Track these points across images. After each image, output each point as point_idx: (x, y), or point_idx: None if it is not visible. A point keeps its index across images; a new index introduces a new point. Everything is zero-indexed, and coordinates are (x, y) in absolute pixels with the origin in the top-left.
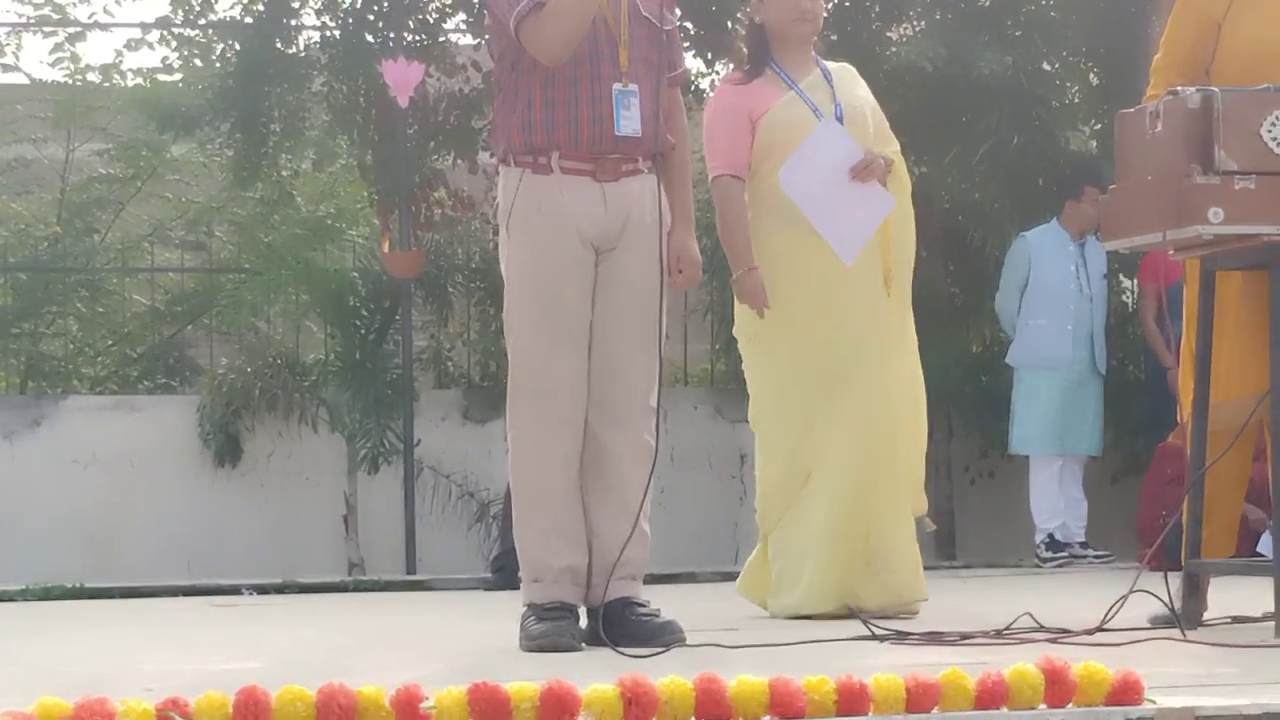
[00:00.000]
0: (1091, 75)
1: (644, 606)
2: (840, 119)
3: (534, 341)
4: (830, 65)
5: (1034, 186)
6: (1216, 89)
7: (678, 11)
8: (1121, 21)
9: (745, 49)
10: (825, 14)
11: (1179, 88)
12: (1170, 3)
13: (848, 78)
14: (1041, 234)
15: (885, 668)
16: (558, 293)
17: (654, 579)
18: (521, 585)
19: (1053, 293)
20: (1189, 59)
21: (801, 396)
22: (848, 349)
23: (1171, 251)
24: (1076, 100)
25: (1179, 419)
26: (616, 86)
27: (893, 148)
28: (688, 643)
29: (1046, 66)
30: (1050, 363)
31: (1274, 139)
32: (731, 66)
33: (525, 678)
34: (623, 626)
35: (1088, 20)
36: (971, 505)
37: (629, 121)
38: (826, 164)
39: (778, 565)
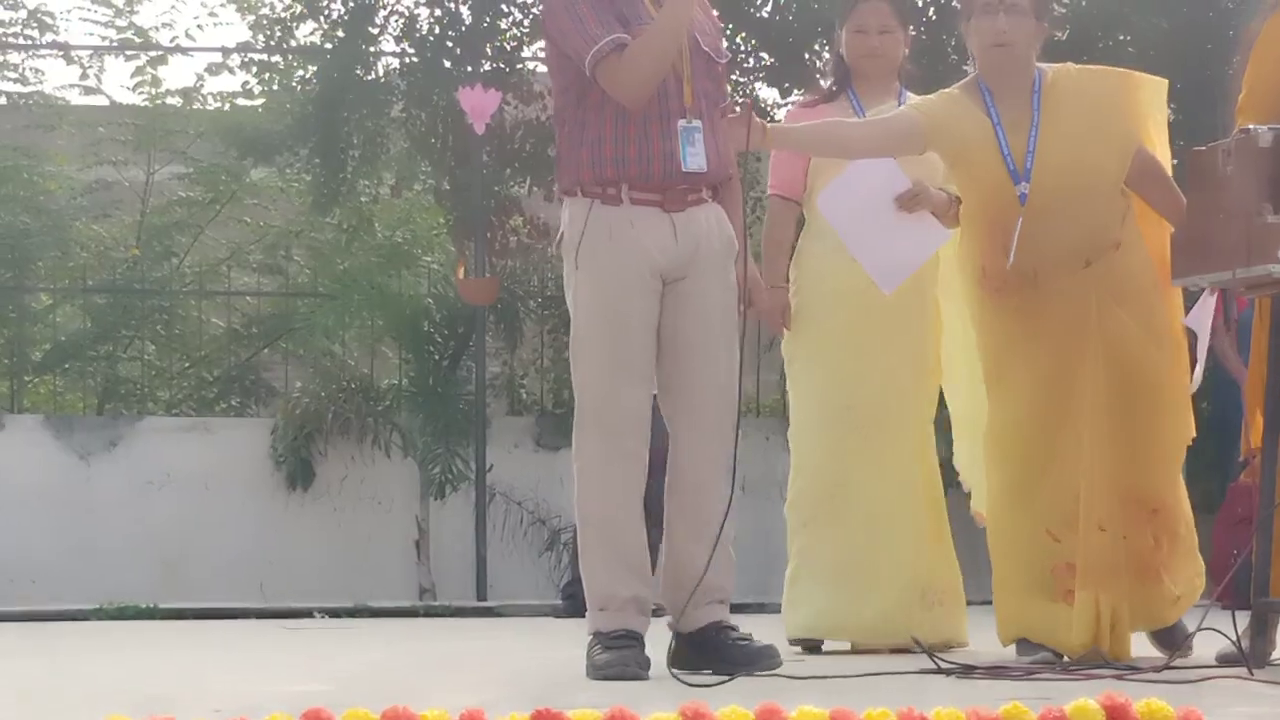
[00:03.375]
0: (1170, 110)
1: (736, 631)
2: None
3: (600, 374)
4: (912, 97)
5: None
6: None
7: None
8: (1201, 56)
9: (829, 78)
10: (906, 49)
11: (1251, 126)
12: (1251, 39)
13: None
14: None
15: (947, 702)
16: (625, 325)
17: None
18: (587, 614)
19: None
20: (1271, 97)
21: (833, 419)
22: (882, 381)
23: (1243, 290)
24: None
25: (1243, 453)
26: (681, 123)
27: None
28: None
29: None
30: None
31: None
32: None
33: (589, 705)
34: (719, 651)
35: (1166, 56)
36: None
37: (695, 158)
38: (871, 191)
39: (790, 570)
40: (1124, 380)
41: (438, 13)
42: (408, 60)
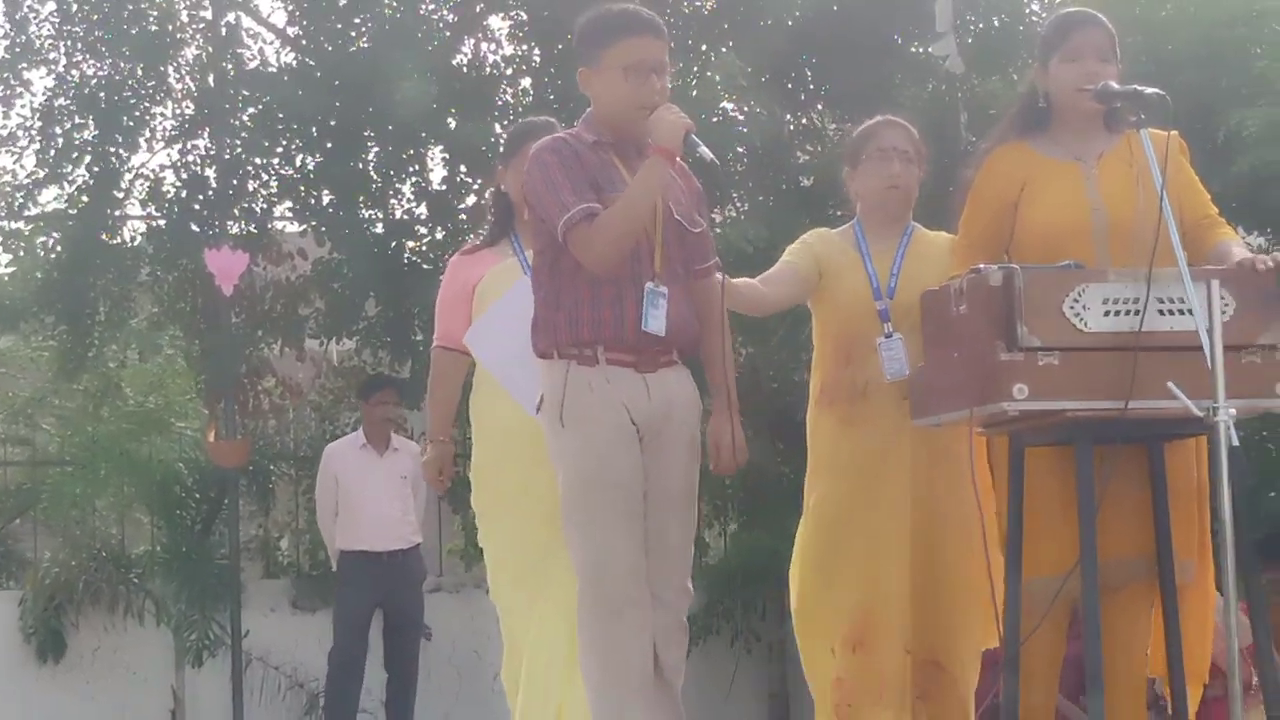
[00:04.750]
0: None
1: None
2: None
3: (598, 533)
4: None
5: None
6: (1017, 266)
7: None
8: (938, 202)
9: (491, 219)
10: None
11: (981, 266)
12: (967, 185)
13: None
14: None
15: None
16: (620, 474)
17: None
18: None
19: None
20: (989, 239)
21: (523, 572)
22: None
23: (980, 428)
24: None
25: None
26: (648, 285)
27: None
28: None
29: None
30: None
31: (1076, 315)
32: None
33: None
34: None
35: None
36: (806, 687)
37: (655, 320)
38: (512, 319)
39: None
40: (927, 517)
41: (184, 176)
42: (154, 224)
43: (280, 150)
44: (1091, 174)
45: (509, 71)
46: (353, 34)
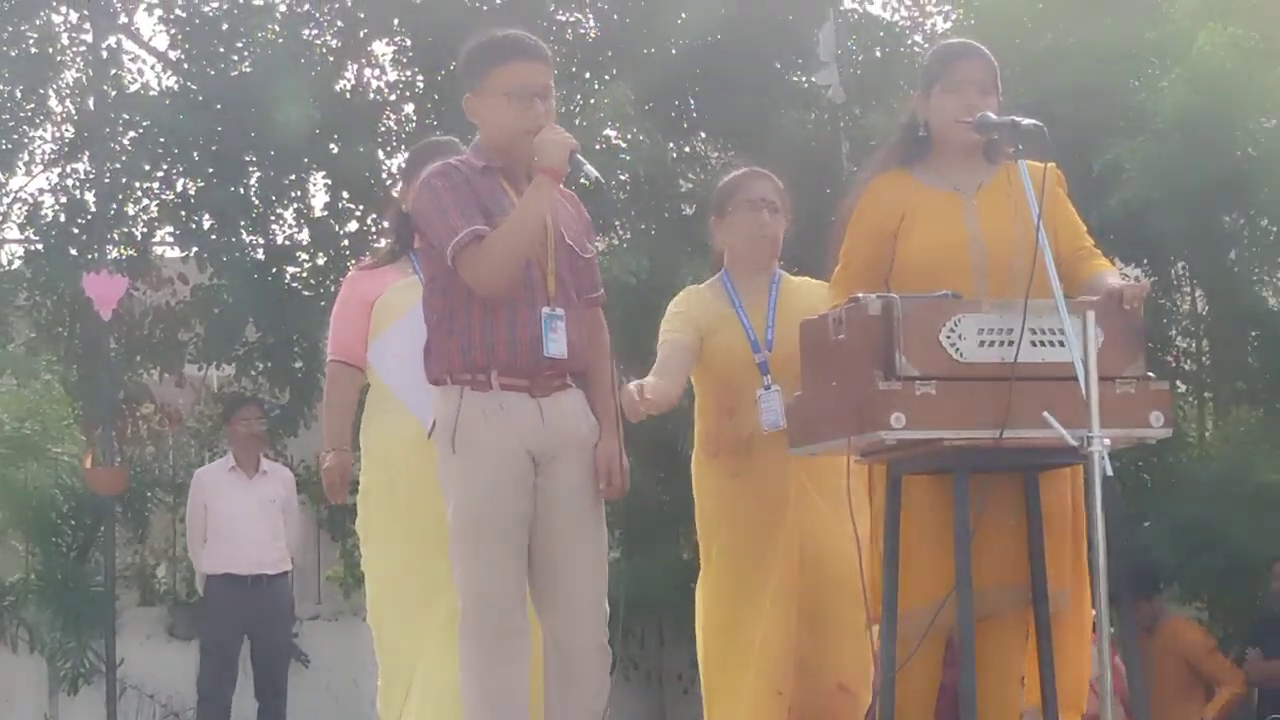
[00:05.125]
0: None
1: None
2: None
3: (482, 560)
4: None
5: None
6: (896, 296)
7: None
8: (820, 232)
9: (391, 237)
10: None
11: (860, 295)
12: (846, 215)
13: None
14: None
15: None
16: (508, 502)
17: None
18: None
19: None
20: (868, 269)
21: (410, 596)
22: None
23: (858, 456)
24: None
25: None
26: (545, 310)
27: None
28: None
29: None
30: None
31: (953, 345)
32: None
33: None
34: None
35: (788, 229)
36: (684, 714)
37: (555, 344)
38: (416, 339)
39: None
40: (815, 560)
41: (63, 200)
42: (32, 248)
43: (161, 174)
44: (970, 204)
45: (392, 97)
46: (235, 58)
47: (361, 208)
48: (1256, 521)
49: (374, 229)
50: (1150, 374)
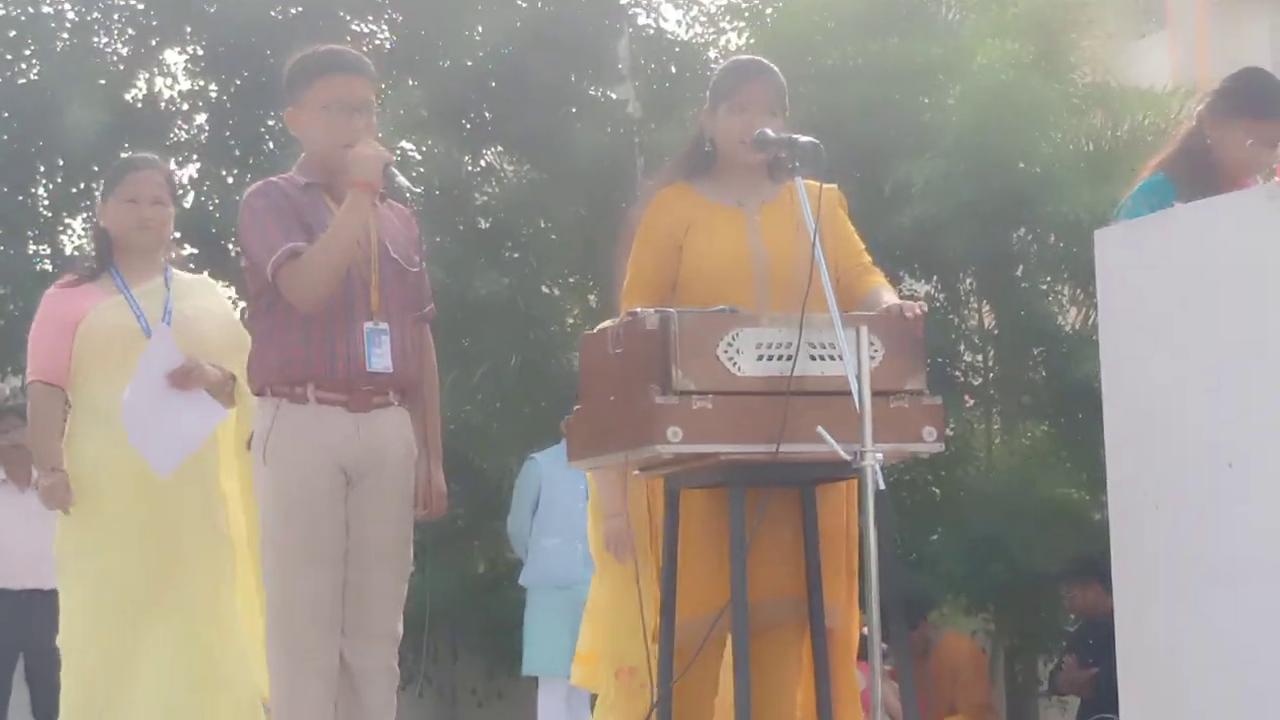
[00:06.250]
0: (591, 297)
1: None
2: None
3: (286, 568)
4: (180, 275)
5: (535, 407)
6: (674, 310)
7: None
8: (612, 244)
9: (92, 254)
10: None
11: (638, 309)
12: (634, 225)
13: (198, 287)
14: (551, 455)
15: None
16: (314, 516)
17: None
18: None
19: (564, 512)
20: (654, 280)
21: (113, 617)
22: (168, 568)
23: (636, 472)
24: (577, 321)
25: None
26: (368, 325)
27: (239, 362)
28: None
29: (545, 289)
30: (562, 581)
31: (730, 359)
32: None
33: None
34: None
35: (584, 243)
36: None
37: (380, 358)
38: (156, 374)
39: None
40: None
41: None
42: None
43: None
44: (754, 220)
45: (185, 106)
46: (22, 65)
47: None
48: (1042, 533)
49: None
50: (923, 389)
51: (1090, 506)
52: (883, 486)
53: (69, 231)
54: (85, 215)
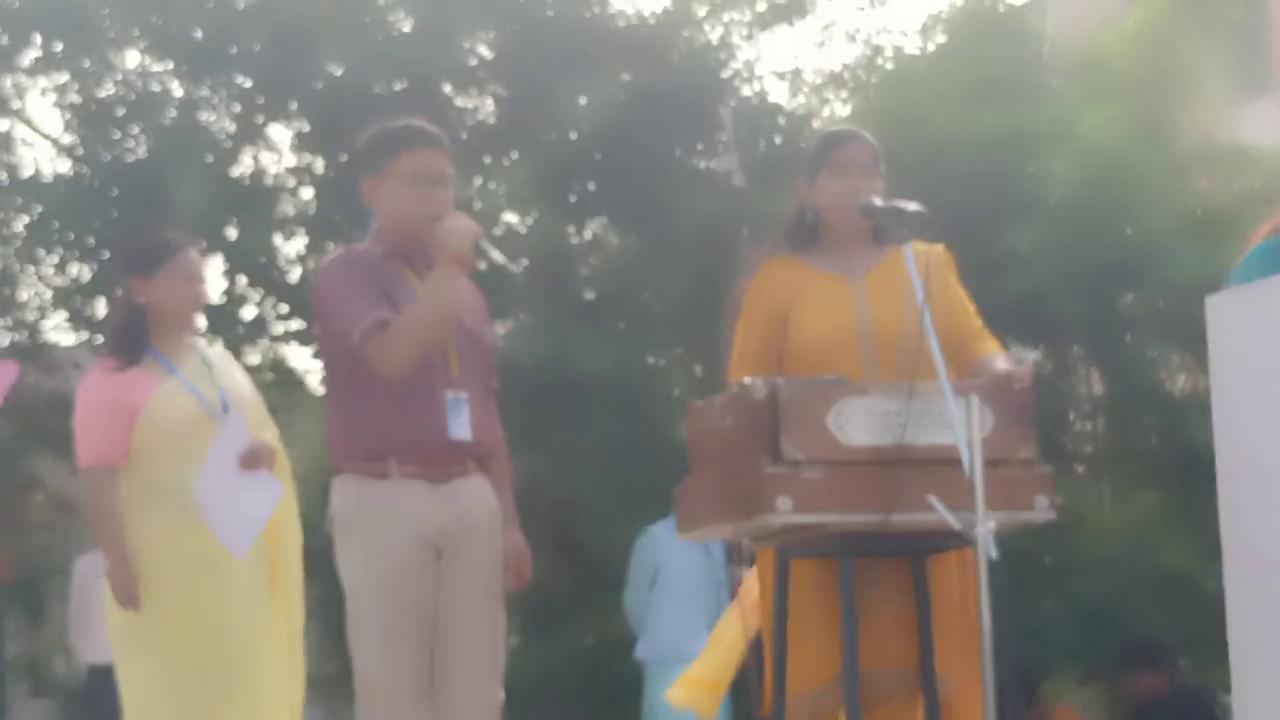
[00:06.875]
0: (697, 367)
1: None
2: (226, 407)
3: (377, 647)
4: (207, 350)
5: (641, 478)
6: (782, 380)
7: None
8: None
9: (124, 334)
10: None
11: (746, 380)
12: (738, 302)
13: (227, 362)
14: (666, 527)
15: None
16: (402, 592)
17: None
18: None
19: (682, 584)
20: (762, 352)
21: (187, 700)
22: (239, 649)
23: (746, 541)
24: (682, 392)
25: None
26: (448, 394)
27: (271, 433)
28: None
29: (651, 360)
30: (683, 655)
31: (839, 429)
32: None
33: None
34: None
35: (690, 314)
36: None
37: (460, 427)
38: (229, 458)
39: None
40: None
41: None
42: None
43: (55, 260)
44: (860, 288)
45: (290, 182)
46: (131, 143)
47: (261, 291)
48: (1156, 603)
49: (274, 312)
50: (1034, 457)
51: (1204, 575)
52: (995, 555)
53: None
54: None
